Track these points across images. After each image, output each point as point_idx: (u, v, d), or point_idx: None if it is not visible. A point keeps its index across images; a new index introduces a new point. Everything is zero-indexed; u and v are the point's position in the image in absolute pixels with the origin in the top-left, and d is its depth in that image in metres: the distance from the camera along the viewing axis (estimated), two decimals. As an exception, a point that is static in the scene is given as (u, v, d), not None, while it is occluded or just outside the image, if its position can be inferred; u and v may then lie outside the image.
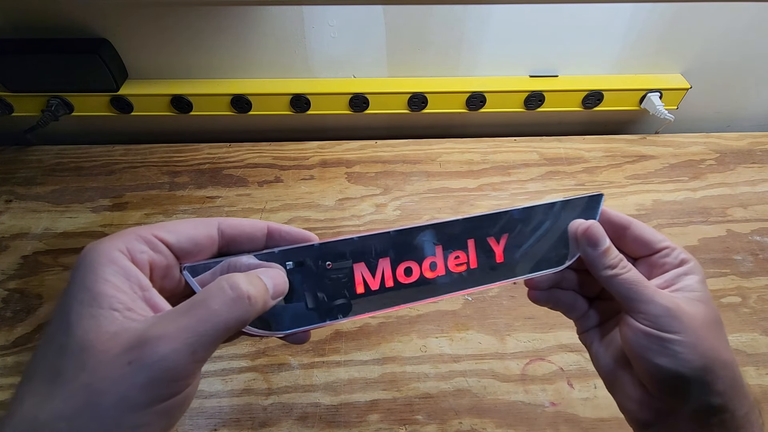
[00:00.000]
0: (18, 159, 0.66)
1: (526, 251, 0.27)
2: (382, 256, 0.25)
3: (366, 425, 0.42)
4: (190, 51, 0.62)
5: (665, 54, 0.65)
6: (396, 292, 0.25)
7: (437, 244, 0.25)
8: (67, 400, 0.16)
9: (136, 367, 0.16)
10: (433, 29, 0.61)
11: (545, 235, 0.27)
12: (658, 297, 0.25)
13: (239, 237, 0.23)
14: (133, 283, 0.19)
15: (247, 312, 0.19)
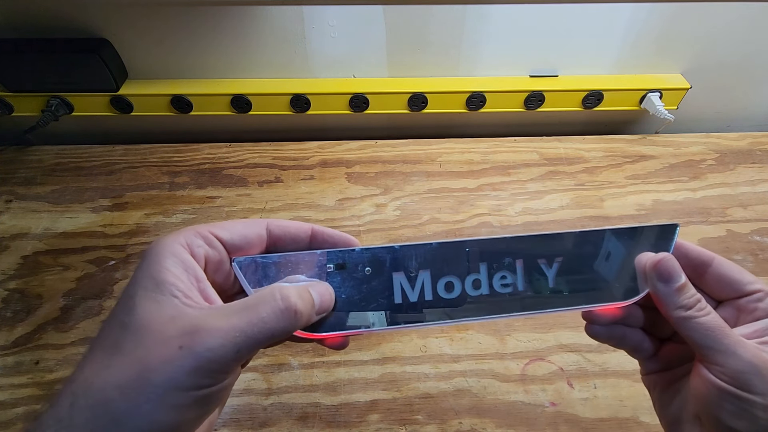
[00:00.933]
0: (18, 159, 0.66)
1: (585, 280, 0.24)
2: (423, 268, 0.24)
3: (366, 425, 0.42)
4: (190, 51, 0.62)
5: (665, 54, 0.65)
6: (434, 307, 0.24)
7: (482, 262, 0.24)
8: (122, 371, 0.18)
9: (185, 352, 0.18)
10: (433, 29, 0.61)
11: (609, 264, 0.24)
12: (742, 349, 0.22)
13: (285, 237, 0.24)
14: (191, 274, 0.20)
15: (292, 324, 0.20)
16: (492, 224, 0.58)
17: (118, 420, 0.17)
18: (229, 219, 0.58)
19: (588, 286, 0.24)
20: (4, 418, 0.42)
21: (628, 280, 0.24)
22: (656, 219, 0.58)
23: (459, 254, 0.24)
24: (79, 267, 0.54)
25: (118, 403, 0.18)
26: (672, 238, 0.25)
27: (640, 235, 0.25)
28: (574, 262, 0.24)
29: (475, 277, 0.24)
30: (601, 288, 0.24)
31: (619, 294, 0.24)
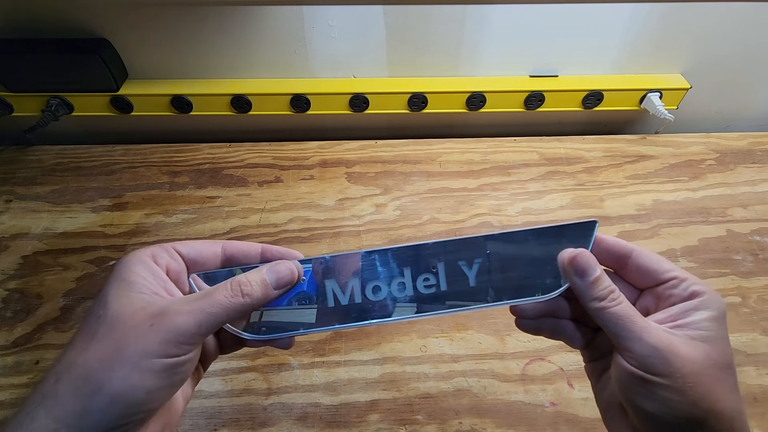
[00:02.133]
0: (18, 159, 0.66)
1: (508, 278, 0.26)
2: (353, 275, 0.26)
3: (366, 425, 0.42)
4: (190, 51, 0.62)
5: (665, 54, 0.65)
6: (363, 309, 0.26)
7: (406, 267, 0.26)
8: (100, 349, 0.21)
9: (155, 329, 0.22)
10: (433, 29, 0.61)
11: (532, 262, 0.26)
12: (647, 334, 0.23)
13: (238, 254, 0.27)
14: (156, 276, 0.24)
15: (243, 303, 0.24)
16: (492, 224, 0.58)
17: (99, 386, 0.20)
18: (229, 219, 0.58)
19: (511, 283, 0.26)
20: (4, 418, 0.42)
21: (551, 276, 0.26)
22: (656, 219, 0.58)
23: (385, 261, 0.26)
24: (79, 267, 0.54)
25: (98, 372, 0.21)
26: (591, 234, 0.26)
27: (560, 233, 0.26)
28: (497, 262, 0.26)
29: (401, 281, 0.26)
30: (525, 285, 0.26)
31: (543, 289, 0.26)
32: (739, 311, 0.49)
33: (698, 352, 0.23)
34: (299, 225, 0.58)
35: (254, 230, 0.57)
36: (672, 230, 0.57)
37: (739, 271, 0.53)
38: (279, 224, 0.58)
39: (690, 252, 0.55)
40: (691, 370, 0.22)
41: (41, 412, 0.20)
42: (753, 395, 0.43)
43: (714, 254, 0.55)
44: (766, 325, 0.48)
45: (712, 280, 0.52)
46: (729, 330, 0.48)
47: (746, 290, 0.51)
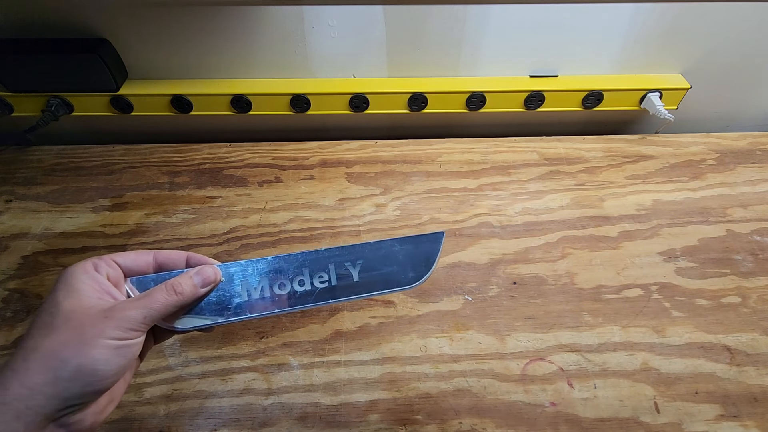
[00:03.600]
0: (18, 159, 0.66)
1: (381, 274, 0.33)
2: (263, 275, 0.32)
3: (366, 425, 0.42)
4: (190, 51, 0.62)
5: (665, 54, 0.65)
6: (271, 302, 0.32)
7: (304, 267, 0.32)
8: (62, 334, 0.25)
9: (109, 319, 0.26)
10: (433, 29, 0.61)
11: (397, 262, 0.33)
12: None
13: (168, 262, 0.32)
14: (99, 283, 0.28)
15: (177, 299, 0.29)
16: (492, 224, 0.58)
17: (66, 360, 0.24)
18: (229, 219, 0.58)
19: (384, 278, 0.33)
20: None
21: (412, 272, 0.33)
22: (656, 219, 0.58)
23: (289, 263, 0.32)
24: (79, 267, 0.54)
25: (64, 350, 0.25)
26: (439, 242, 0.34)
27: (418, 240, 0.34)
28: (373, 263, 0.33)
29: (301, 278, 0.32)
30: (394, 279, 0.33)
31: (406, 281, 0.33)
32: (739, 311, 0.49)
33: None
34: (299, 225, 0.58)
35: (254, 230, 0.57)
36: (672, 230, 0.57)
37: (739, 271, 0.53)
38: (279, 224, 0.58)
39: (690, 252, 0.55)
40: None
41: (14, 383, 0.24)
42: (753, 395, 0.43)
43: (714, 254, 0.55)
44: (766, 325, 0.48)
45: (712, 280, 0.52)
46: (729, 330, 0.48)
47: (746, 290, 0.51)
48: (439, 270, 0.53)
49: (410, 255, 0.33)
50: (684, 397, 0.43)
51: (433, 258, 0.33)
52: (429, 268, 0.33)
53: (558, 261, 0.54)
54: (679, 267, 0.53)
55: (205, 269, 0.31)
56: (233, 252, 0.55)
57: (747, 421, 0.42)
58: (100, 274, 0.28)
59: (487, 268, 0.54)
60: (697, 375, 0.45)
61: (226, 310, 0.31)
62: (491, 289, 0.51)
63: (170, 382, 0.44)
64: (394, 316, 0.49)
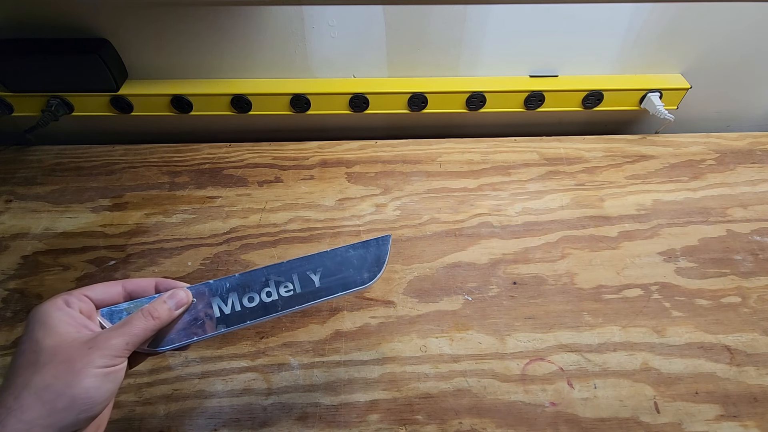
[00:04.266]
0: (18, 159, 0.66)
1: (340, 277, 0.35)
2: (232, 291, 0.34)
3: (366, 425, 0.42)
4: (190, 51, 0.62)
5: (665, 54, 0.65)
6: (243, 313, 0.33)
7: (271, 279, 0.34)
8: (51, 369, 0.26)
9: (94, 349, 0.27)
10: (433, 29, 0.61)
11: (352, 266, 0.36)
12: None
13: (137, 290, 0.33)
14: (73, 317, 0.29)
15: (154, 324, 0.30)
16: (492, 224, 0.58)
17: (61, 392, 0.26)
18: (229, 219, 0.58)
19: (342, 281, 0.35)
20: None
21: (367, 273, 0.36)
22: (656, 219, 0.58)
23: (255, 277, 0.34)
24: (79, 267, 0.54)
25: (56, 383, 0.26)
26: (387, 244, 0.37)
27: (368, 244, 0.36)
28: (331, 268, 0.35)
29: (268, 290, 0.34)
30: (351, 280, 0.35)
31: (362, 281, 0.35)
32: (739, 311, 0.49)
33: None
34: (299, 225, 0.58)
35: (254, 230, 0.57)
36: (672, 230, 0.57)
37: (739, 271, 0.53)
38: (279, 224, 0.58)
39: (690, 252, 0.55)
40: None
41: (11, 419, 0.25)
42: (753, 395, 0.43)
43: (714, 254, 0.55)
44: (766, 325, 0.48)
45: (712, 280, 0.52)
46: (729, 330, 0.48)
47: (746, 290, 0.51)
48: (439, 270, 0.53)
49: (363, 258, 0.36)
50: (684, 397, 0.43)
51: (383, 258, 0.36)
52: (380, 268, 0.36)
53: (558, 261, 0.54)
54: (679, 267, 0.53)
55: (177, 292, 0.32)
56: (233, 252, 0.55)
57: (747, 421, 0.42)
58: (73, 309, 0.30)
59: (487, 268, 0.54)
60: (697, 375, 0.45)
61: (200, 328, 0.33)
62: (491, 289, 0.51)
63: (170, 383, 0.44)
64: (394, 316, 0.49)
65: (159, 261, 0.54)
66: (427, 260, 0.54)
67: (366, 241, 0.37)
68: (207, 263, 0.54)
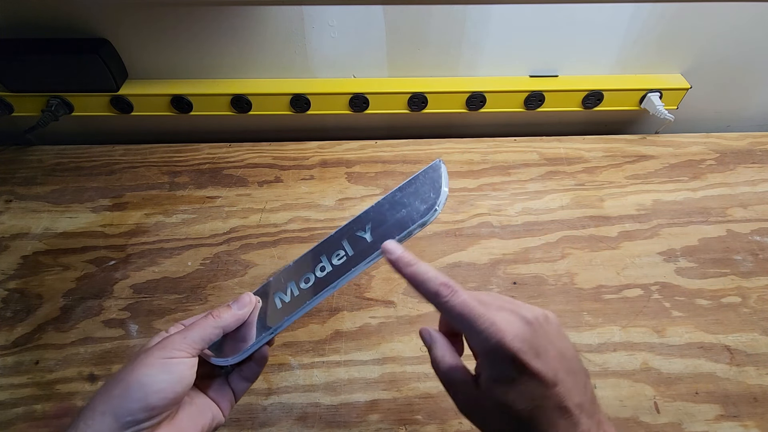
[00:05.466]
0: (18, 159, 0.66)
1: (391, 223, 0.32)
2: (289, 280, 0.33)
3: (366, 425, 0.42)
4: (190, 51, 0.62)
5: (665, 54, 0.65)
6: (301, 297, 0.32)
7: (321, 254, 0.33)
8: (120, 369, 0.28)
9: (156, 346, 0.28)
10: (433, 29, 0.61)
11: (404, 205, 0.32)
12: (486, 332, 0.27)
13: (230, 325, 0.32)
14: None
15: (214, 321, 0.30)
16: (492, 224, 0.58)
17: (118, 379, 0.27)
18: (229, 219, 0.58)
19: (396, 224, 0.32)
20: (4, 418, 0.42)
21: (423, 204, 0.32)
22: (656, 219, 0.58)
23: (307, 259, 0.33)
24: (79, 267, 0.54)
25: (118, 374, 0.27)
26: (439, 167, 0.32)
27: (416, 178, 0.33)
28: (381, 219, 0.32)
29: (321, 265, 0.33)
30: (406, 218, 0.32)
31: (421, 214, 0.32)
32: (739, 311, 0.49)
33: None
34: (299, 225, 0.58)
35: (254, 230, 0.57)
36: (672, 230, 0.57)
37: (739, 271, 0.53)
38: (279, 224, 0.58)
39: (690, 252, 0.55)
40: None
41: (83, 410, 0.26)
42: (753, 395, 0.43)
43: (714, 254, 0.55)
44: (766, 325, 0.48)
45: (712, 280, 0.52)
46: (729, 330, 0.48)
47: (746, 290, 0.51)
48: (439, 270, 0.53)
49: (414, 194, 0.32)
50: (684, 397, 0.43)
51: (438, 183, 0.32)
52: (438, 193, 0.32)
53: (558, 261, 0.54)
54: (679, 267, 0.53)
55: (241, 296, 0.33)
56: (233, 252, 0.55)
57: (747, 421, 0.42)
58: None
59: (487, 268, 0.53)
60: (697, 375, 0.45)
61: (268, 324, 0.32)
62: (491, 289, 0.51)
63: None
64: (394, 316, 0.49)
65: (159, 261, 0.54)
66: (427, 260, 0.54)
67: (413, 177, 0.33)
68: (207, 263, 0.54)
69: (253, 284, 0.52)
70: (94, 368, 0.45)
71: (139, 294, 0.51)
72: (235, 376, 0.33)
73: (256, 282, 0.52)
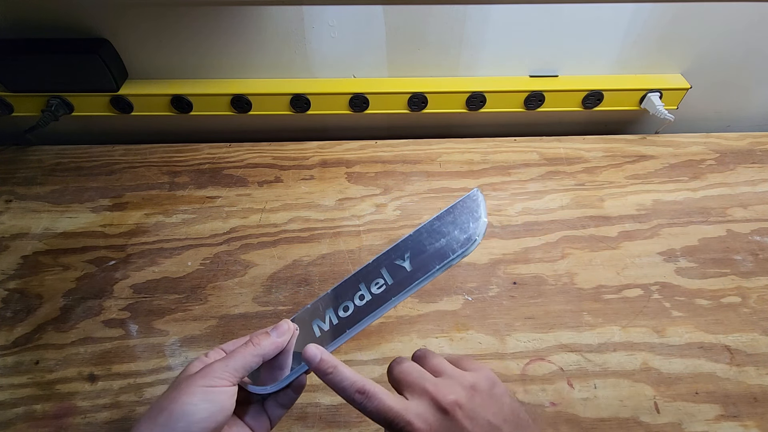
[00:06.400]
0: (18, 159, 0.66)
1: (430, 253, 0.33)
2: (327, 307, 0.34)
3: (366, 425, 0.42)
4: (190, 51, 0.62)
5: (665, 54, 0.65)
6: (341, 325, 0.33)
7: (360, 282, 0.33)
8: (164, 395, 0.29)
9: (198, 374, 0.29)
10: (433, 29, 0.61)
11: (443, 235, 0.33)
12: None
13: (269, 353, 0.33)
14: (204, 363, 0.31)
15: (254, 349, 0.31)
16: (492, 224, 0.58)
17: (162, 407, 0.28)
18: (229, 219, 0.58)
19: (436, 254, 0.32)
20: (4, 418, 0.42)
21: (463, 234, 0.33)
22: (656, 219, 0.58)
23: (346, 287, 0.34)
24: (79, 267, 0.54)
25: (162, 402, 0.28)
26: (477, 197, 0.34)
27: (455, 207, 0.34)
28: (420, 248, 0.33)
29: (360, 293, 0.33)
30: (446, 249, 0.32)
31: (461, 244, 0.32)
32: (739, 311, 0.49)
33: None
34: (299, 225, 0.58)
35: (254, 230, 0.57)
36: (672, 230, 0.57)
37: (739, 271, 0.53)
38: (279, 224, 0.58)
39: (690, 252, 0.55)
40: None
41: None
42: (753, 395, 0.43)
43: (714, 254, 0.55)
44: (766, 325, 0.48)
45: (712, 280, 0.52)
46: (729, 330, 0.48)
47: (746, 290, 0.51)
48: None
49: (453, 223, 0.33)
50: (684, 397, 0.43)
51: (477, 213, 0.33)
52: (477, 223, 0.32)
53: (558, 261, 0.54)
54: (679, 267, 0.53)
55: (279, 323, 0.33)
56: (233, 252, 0.55)
57: (747, 421, 0.42)
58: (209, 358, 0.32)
59: (487, 268, 0.54)
60: (697, 375, 0.45)
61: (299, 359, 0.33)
62: (491, 289, 0.51)
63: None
64: (394, 316, 0.49)
65: (159, 261, 0.54)
66: (427, 260, 0.54)
67: (452, 206, 0.34)
68: (207, 263, 0.54)
69: (253, 284, 0.52)
70: (94, 368, 0.45)
71: (139, 294, 0.51)
72: (271, 402, 0.34)
73: (256, 282, 0.52)
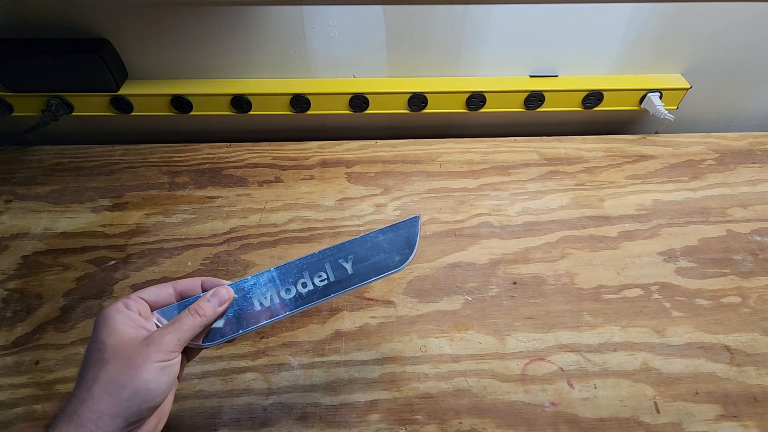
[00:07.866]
0: (18, 159, 0.66)
1: (372, 263, 0.36)
2: (269, 284, 0.36)
3: (366, 425, 0.42)
4: (190, 51, 0.62)
5: (665, 54, 0.65)
6: (281, 306, 0.35)
7: (304, 270, 0.36)
8: (115, 365, 0.30)
9: (150, 346, 0.31)
10: (433, 29, 0.61)
11: (383, 250, 0.36)
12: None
13: (186, 290, 0.36)
14: (132, 319, 0.32)
15: (201, 321, 0.33)
16: (492, 224, 0.58)
17: (123, 384, 0.29)
18: (229, 219, 0.58)
19: (374, 266, 0.36)
20: (4, 418, 0.42)
21: (398, 255, 0.36)
22: (656, 219, 0.58)
23: (290, 270, 0.36)
24: (79, 267, 0.54)
25: (120, 377, 0.29)
26: (417, 225, 0.37)
27: (397, 227, 0.37)
28: (362, 255, 0.36)
29: (303, 281, 0.36)
30: (383, 264, 0.36)
31: (394, 265, 0.36)
32: (739, 311, 0.49)
33: None
34: (299, 225, 0.58)
35: (254, 230, 0.57)
36: (672, 230, 0.57)
37: (739, 271, 0.53)
38: (279, 224, 0.58)
39: (690, 252, 0.55)
40: None
41: (84, 410, 0.28)
42: (753, 395, 0.43)
43: (714, 254, 0.55)
44: (766, 325, 0.48)
45: (712, 280, 0.52)
46: (729, 330, 0.48)
47: (746, 290, 0.51)
48: (439, 270, 0.53)
49: (393, 241, 0.37)
50: (684, 397, 0.43)
51: (414, 239, 0.37)
52: (412, 250, 0.36)
53: (558, 261, 0.54)
54: (679, 267, 0.53)
55: (219, 290, 0.35)
56: (233, 252, 0.55)
57: (747, 421, 0.42)
58: (131, 311, 0.33)
59: (487, 268, 0.54)
60: (697, 375, 0.45)
61: (244, 321, 0.35)
62: (491, 289, 0.51)
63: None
64: (394, 316, 0.49)
65: (159, 261, 0.54)
66: (427, 260, 0.54)
67: (395, 224, 0.37)
68: (207, 263, 0.54)
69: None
70: (94, 368, 0.45)
71: (139, 294, 0.51)
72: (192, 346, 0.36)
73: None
